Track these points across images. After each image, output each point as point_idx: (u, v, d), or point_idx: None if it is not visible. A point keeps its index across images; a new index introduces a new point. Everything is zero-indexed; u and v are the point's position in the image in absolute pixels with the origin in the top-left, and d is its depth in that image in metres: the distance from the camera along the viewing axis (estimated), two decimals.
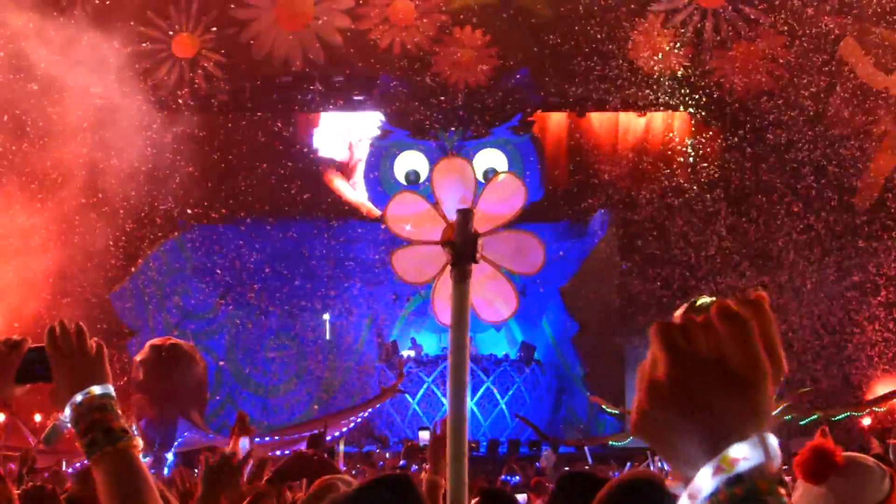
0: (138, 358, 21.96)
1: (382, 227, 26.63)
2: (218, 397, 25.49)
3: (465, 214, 2.34)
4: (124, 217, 25.24)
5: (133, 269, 25.57)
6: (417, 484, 1.97)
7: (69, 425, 2.17)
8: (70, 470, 14.38)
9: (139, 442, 2.20)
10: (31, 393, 2.30)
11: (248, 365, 26.63)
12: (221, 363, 26.01)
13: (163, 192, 25.78)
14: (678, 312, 1.14)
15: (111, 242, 24.99)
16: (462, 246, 2.19)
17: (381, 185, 26.98)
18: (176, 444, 20.51)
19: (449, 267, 2.38)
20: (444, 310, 4.24)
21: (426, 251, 4.19)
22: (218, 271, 26.28)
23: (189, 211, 26.51)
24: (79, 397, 2.14)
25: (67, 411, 2.15)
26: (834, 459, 2.65)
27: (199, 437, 20.87)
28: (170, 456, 19.19)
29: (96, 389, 2.16)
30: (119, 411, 2.17)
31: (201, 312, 26.10)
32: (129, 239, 25.66)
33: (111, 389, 2.19)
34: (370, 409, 23.99)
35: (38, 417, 20.79)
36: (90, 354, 2.20)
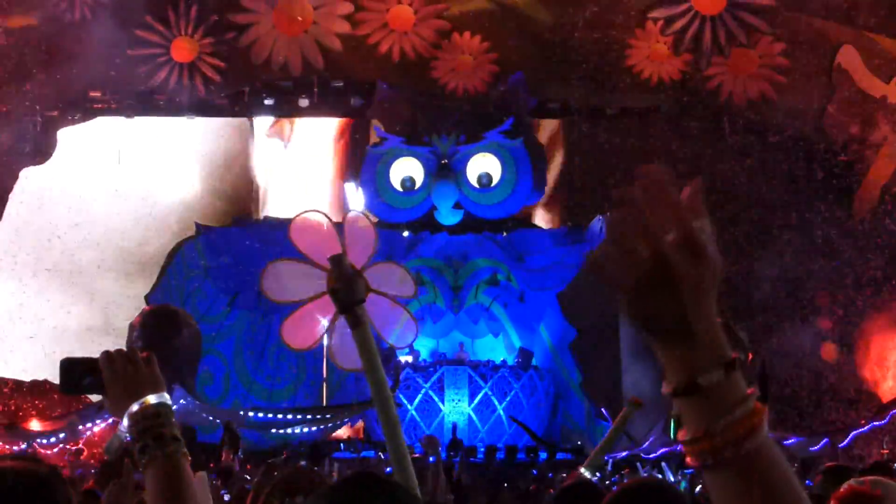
0: (134, 323, 21.87)
1: (380, 233, 26.71)
2: (226, 402, 25.49)
3: (338, 259, 2.30)
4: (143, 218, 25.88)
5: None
6: (385, 480, 1.99)
7: (128, 435, 2.27)
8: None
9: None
10: None
11: (253, 369, 26.63)
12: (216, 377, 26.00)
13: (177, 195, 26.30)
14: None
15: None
16: (345, 290, 2.17)
17: (377, 193, 26.97)
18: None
19: (341, 317, 2.34)
20: (345, 354, 4.21)
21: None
22: (231, 272, 26.35)
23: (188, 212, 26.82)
24: (135, 406, 2.25)
25: (125, 421, 2.25)
26: (874, 499, 2.68)
27: (193, 407, 20.80)
28: None
29: (151, 398, 2.26)
30: (173, 419, 2.27)
31: (213, 315, 26.10)
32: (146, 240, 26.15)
33: (166, 398, 2.31)
34: (362, 412, 23.96)
35: None
36: (142, 366, 2.31)
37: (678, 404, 1.25)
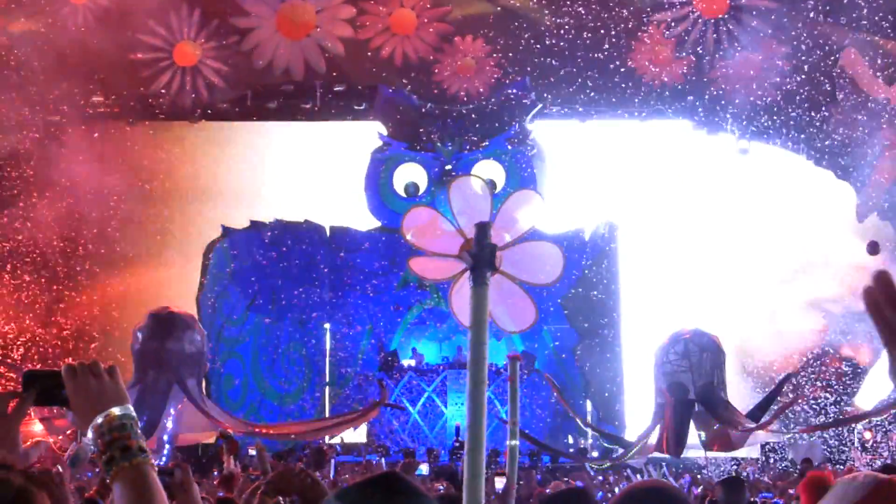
0: (136, 327, 22.06)
1: (383, 237, 26.74)
2: (244, 406, 25.52)
3: (483, 228, 2.33)
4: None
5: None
6: (407, 480, 2.02)
7: (93, 448, 2.28)
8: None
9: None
10: None
11: (268, 373, 26.68)
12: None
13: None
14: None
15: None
16: (480, 254, 2.19)
17: (381, 198, 26.94)
18: (170, 412, 20.54)
19: (468, 273, 2.37)
20: (462, 313, 4.27)
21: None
22: (252, 275, 26.43)
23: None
24: (99, 419, 2.26)
25: (90, 433, 2.26)
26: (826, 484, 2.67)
27: (192, 408, 20.82)
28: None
29: (116, 410, 2.28)
30: (138, 430, 2.29)
31: (235, 319, 26.16)
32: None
33: (130, 410, 2.31)
34: (355, 425, 23.89)
35: None
36: (106, 379, 2.32)
37: None
